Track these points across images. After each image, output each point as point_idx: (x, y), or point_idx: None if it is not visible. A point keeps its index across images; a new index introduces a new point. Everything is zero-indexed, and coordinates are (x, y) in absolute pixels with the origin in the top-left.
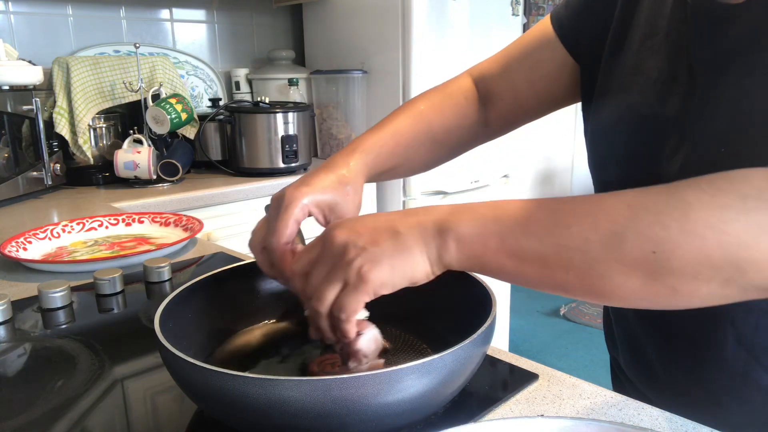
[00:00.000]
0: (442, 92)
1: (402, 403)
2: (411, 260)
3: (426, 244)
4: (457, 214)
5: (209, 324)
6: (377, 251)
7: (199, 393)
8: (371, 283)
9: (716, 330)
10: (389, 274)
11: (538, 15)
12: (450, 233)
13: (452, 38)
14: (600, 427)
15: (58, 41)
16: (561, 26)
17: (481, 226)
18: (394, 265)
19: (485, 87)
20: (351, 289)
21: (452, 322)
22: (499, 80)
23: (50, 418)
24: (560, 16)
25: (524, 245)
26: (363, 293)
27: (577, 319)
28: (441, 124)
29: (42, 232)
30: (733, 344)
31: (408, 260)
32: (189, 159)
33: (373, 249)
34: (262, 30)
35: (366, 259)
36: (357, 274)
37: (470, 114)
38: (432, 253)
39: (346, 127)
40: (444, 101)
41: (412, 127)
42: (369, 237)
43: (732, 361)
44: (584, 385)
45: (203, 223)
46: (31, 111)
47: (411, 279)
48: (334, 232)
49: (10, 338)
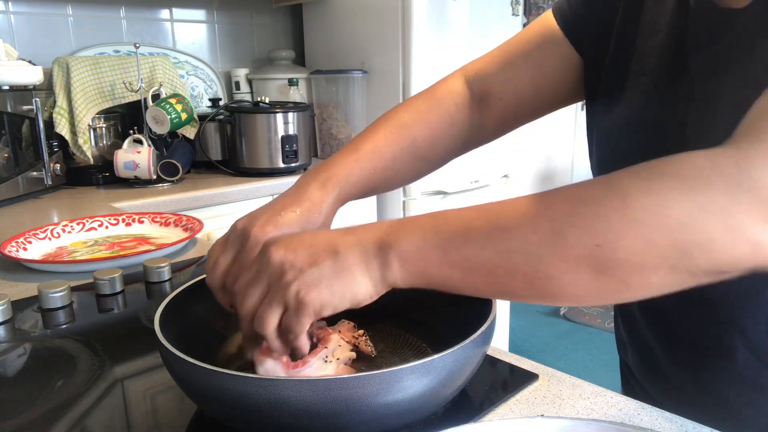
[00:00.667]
0: (429, 98)
1: (402, 403)
2: (352, 281)
3: (367, 263)
4: (397, 229)
5: (209, 324)
6: (315, 273)
7: (199, 393)
8: (310, 306)
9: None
10: (329, 297)
11: (538, 15)
12: (391, 250)
13: (452, 38)
14: (600, 427)
15: (58, 41)
16: (565, 21)
17: (422, 240)
18: (333, 287)
19: (482, 87)
20: (292, 312)
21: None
22: (498, 79)
23: (50, 418)
24: (563, 11)
25: (466, 255)
26: (304, 316)
27: (577, 319)
28: (426, 137)
29: (42, 232)
30: (743, 352)
31: (348, 282)
32: (189, 159)
33: (310, 270)
34: (262, 30)
35: (303, 282)
36: (295, 298)
37: (460, 120)
38: (374, 273)
39: (346, 127)
40: (431, 110)
41: (394, 144)
42: (307, 257)
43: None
44: (584, 385)
45: (203, 223)
46: (31, 111)
47: (352, 300)
48: (271, 251)
49: (10, 338)
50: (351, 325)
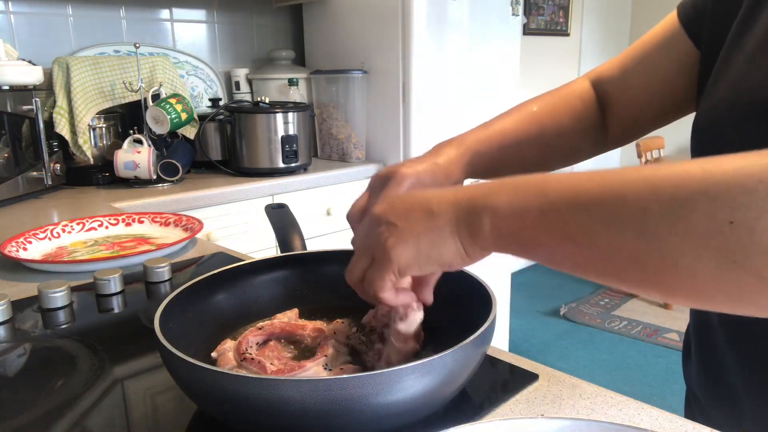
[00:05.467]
0: (556, 94)
1: (402, 403)
2: (440, 241)
3: (458, 223)
4: (497, 188)
5: (209, 324)
6: (405, 228)
7: (199, 393)
8: (394, 261)
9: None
10: (414, 254)
11: (538, 15)
12: (486, 209)
13: (452, 38)
14: (600, 427)
15: (58, 41)
16: (687, 15)
17: (520, 198)
18: (419, 245)
19: (602, 91)
20: (377, 264)
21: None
22: (615, 84)
23: (50, 418)
24: (686, 5)
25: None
26: (387, 271)
27: (577, 319)
28: (554, 128)
29: (42, 232)
30: None
31: (436, 240)
32: (189, 159)
33: (402, 225)
34: (262, 30)
35: (393, 235)
36: (383, 250)
37: (587, 117)
38: (463, 233)
39: (346, 127)
40: (558, 103)
41: (522, 128)
42: (402, 213)
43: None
44: (584, 385)
45: (203, 223)
46: (31, 111)
47: (439, 261)
48: (376, 206)
49: (10, 338)
50: (346, 324)
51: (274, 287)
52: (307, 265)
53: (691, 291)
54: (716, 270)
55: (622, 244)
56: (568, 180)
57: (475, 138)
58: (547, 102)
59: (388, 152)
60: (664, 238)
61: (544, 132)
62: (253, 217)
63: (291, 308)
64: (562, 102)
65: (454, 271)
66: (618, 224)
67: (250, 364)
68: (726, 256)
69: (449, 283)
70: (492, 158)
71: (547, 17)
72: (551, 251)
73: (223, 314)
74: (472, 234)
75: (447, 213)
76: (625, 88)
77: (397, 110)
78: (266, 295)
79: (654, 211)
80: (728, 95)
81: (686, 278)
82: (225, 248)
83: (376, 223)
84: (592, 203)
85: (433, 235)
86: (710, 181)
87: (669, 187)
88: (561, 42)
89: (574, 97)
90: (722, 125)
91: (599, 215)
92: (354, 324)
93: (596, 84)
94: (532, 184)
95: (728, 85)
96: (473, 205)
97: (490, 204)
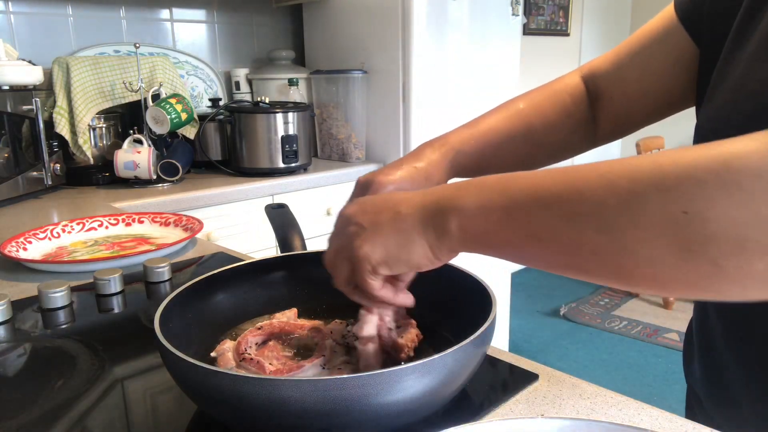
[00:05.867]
0: (544, 91)
1: (402, 403)
2: (408, 243)
3: (424, 224)
4: (462, 188)
5: (209, 324)
6: (372, 230)
7: (199, 393)
8: (366, 262)
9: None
10: (383, 256)
11: (538, 15)
12: (452, 210)
13: (452, 38)
14: (600, 427)
15: (58, 41)
16: (684, 9)
17: (485, 199)
18: (387, 246)
19: (594, 85)
20: (354, 266)
21: (452, 322)
22: (608, 78)
23: (50, 418)
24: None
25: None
26: (365, 272)
27: (577, 319)
28: (542, 124)
29: (42, 232)
30: None
31: (403, 242)
32: (189, 159)
33: (369, 227)
34: (262, 30)
35: (360, 236)
36: (352, 249)
37: (575, 113)
38: (430, 235)
39: (346, 127)
40: (546, 99)
41: (508, 126)
42: (370, 215)
43: None
44: (584, 385)
45: (203, 223)
46: (31, 111)
47: (408, 263)
48: (346, 208)
49: (10, 338)
50: (343, 324)
51: (274, 287)
52: (307, 265)
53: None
54: (674, 259)
55: (583, 239)
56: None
57: (458, 137)
58: (535, 98)
59: (388, 152)
60: (623, 231)
61: (531, 129)
62: (253, 217)
63: (290, 308)
64: (550, 98)
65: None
66: (578, 220)
67: (249, 364)
68: (683, 246)
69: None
70: (477, 156)
71: (547, 17)
72: (517, 249)
73: (223, 314)
74: (439, 235)
75: (414, 215)
76: (619, 83)
77: (397, 110)
78: (266, 295)
79: (611, 205)
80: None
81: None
82: (225, 248)
83: (345, 224)
84: (553, 200)
85: (400, 237)
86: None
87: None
88: (561, 42)
89: (562, 93)
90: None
91: (560, 212)
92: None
93: (588, 78)
94: (496, 184)
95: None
96: (439, 206)
97: (456, 205)
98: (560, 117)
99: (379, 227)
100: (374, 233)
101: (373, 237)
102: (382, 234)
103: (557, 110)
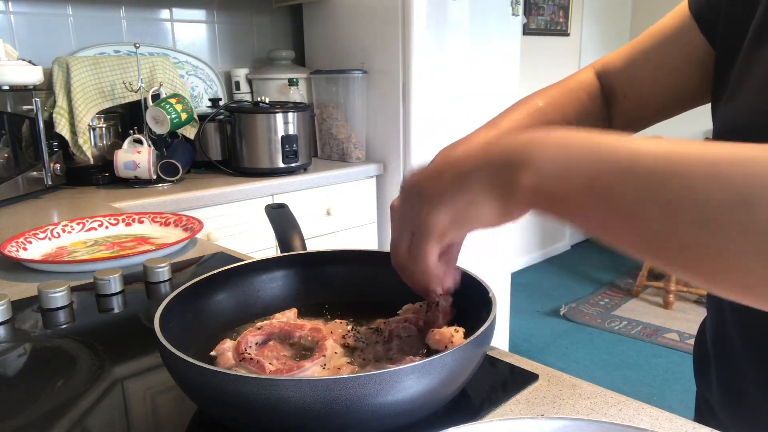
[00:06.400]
0: (561, 88)
1: (402, 403)
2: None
3: (491, 181)
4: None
5: (209, 324)
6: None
7: (199, 393)
8: (433, 230)
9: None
10: (450, 217)
11: (538, 15)
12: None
13: (452, 38)
14: (600, 427)
15: (58, 41)
16: (699, 8)
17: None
18: (455, 207)
19: (608, 83)
20: (418, 238)
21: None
22: (621, 76)
23: (50, 418)
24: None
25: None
26: (429, 242)
27: (577, 319)
28: (561, 122)
29: (42, 232)
30: None
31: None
32: (189, 159)
33: (433, 191)
34: (262, 30)
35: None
36: (419, 219)
37: (593, 111)
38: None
39: (346, 127)
40: (564, 97)
41: (529, 124)
42: (432, 180)
43: None
44: (584, 385)
45: (203, 223)
46: (31, 111)
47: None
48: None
49: (10, 338)
50: (343, 324)
51: (274, 287)
52: (307, 265)
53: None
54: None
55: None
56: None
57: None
58: (553, 96)
59: (388, 152)
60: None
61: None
62: (253, 217)
63: (290, 308)
64: (568, 95)
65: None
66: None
67: (249, 363)
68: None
69: None
70: None
71: (547, 17)
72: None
73: (223, 314)
74: (509, 191)
75: (479, 171)
76: (632, 81)
77: (397, 110)
78: (266, 295)
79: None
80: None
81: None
82: (225, 248)
83: (408, 195)
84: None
85: (466, 195)
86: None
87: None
88: (561, 42)
89: (579, 90)
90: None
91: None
92: (350, 323)
93: (602, 76)
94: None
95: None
96: (510, 159)
97: (531, 160)
98: (579, 115)
99: (442, 189)
100: (439, 196)
101: (440, 200)
102: (447, 195)
103: (576, 108)
